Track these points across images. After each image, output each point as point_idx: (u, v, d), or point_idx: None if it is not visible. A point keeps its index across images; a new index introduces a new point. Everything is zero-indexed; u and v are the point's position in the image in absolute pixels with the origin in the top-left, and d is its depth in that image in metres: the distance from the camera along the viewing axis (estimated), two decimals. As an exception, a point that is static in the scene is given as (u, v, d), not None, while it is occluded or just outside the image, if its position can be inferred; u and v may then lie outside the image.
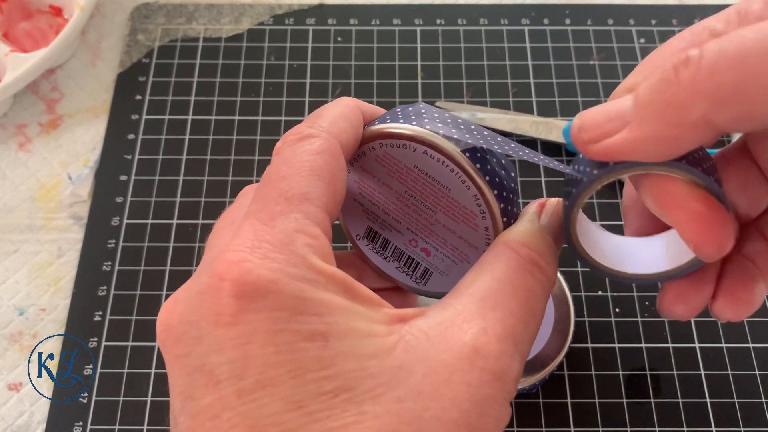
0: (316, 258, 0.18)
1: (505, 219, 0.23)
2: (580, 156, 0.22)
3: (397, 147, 0.23)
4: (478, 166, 0.22)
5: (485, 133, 0.22)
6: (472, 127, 0.23)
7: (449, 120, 0.23)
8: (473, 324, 0.18)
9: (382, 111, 0.24)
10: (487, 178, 0.22)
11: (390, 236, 0.26)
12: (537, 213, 0.23)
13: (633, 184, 0.22)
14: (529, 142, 0.42)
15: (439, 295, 0.24)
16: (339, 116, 0.22)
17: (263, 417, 0.16)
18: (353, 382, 0.17)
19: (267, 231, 0.18)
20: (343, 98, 0.23)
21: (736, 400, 0.34)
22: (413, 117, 0.23)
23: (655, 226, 0.24)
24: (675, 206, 0.20)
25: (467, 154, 0.22)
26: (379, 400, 0.17)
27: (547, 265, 0.21)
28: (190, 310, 0.18)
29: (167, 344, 0.18)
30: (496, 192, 0.22)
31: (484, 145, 0.21)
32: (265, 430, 0.16)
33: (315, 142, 0.20)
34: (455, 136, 0.22)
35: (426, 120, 0.22)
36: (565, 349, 0.32)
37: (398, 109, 0.24)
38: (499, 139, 0.22)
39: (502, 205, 0.22)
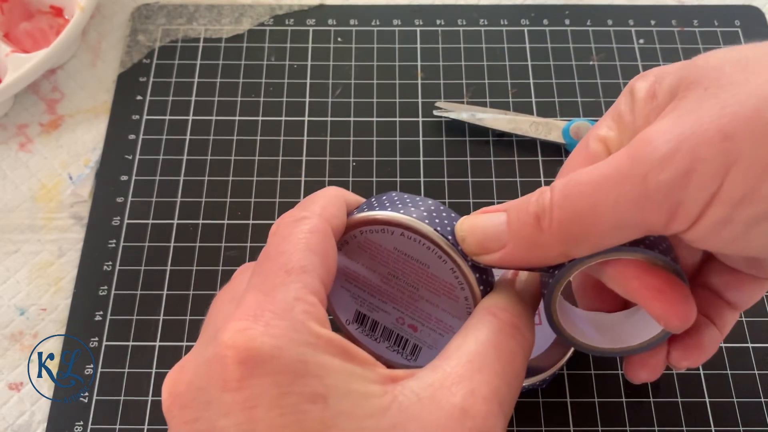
0: (315, 323, 0.19)
1: (482, 287, 0.24)
2: None
3: (377, 232, 0.25)
4: (449, 238, 0.24)
5: (452, 214, 0.25)
6: (442, 208, 0.25)
7: (420, 203, 0.25)
8: (461, 386, 0.20)
9: (362, 200, 0.26)
10: (459, 248, 0.24)
11: (378, 317, 0.27)
12: (512, 281, 0.25)
13: (592, 270, 0.24)
14: (529, 142, 0.42)
15: None
16: (328, 202, 0.24)
17: None
18: None
19: (268, 301, 0.20)
20: (330, 188, 0.25)
21: (735, 399, 0.34)
22: (388, 204, 0.25)
23: (611, 302, 0.27)
24: (639, 287, 0.23)
25: (438, 229, 0.24)
26: None
27: (525, 328, 0.23)
28: (198, 377, 0.19)
29: (174, 410, 0.19)
30: (470, 263, 0.24)
31: (454, 222, 0.24)
32: None
33: (309, 223, 0.22)
34: (426, 219, 0.24)
35: (399, 206, 0.25)
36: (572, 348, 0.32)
37: (373, 199, 0.26)
38: (453, 215, 0.25)
39: (477, 275, 0.24)
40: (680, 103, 0.20)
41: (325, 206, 0.24)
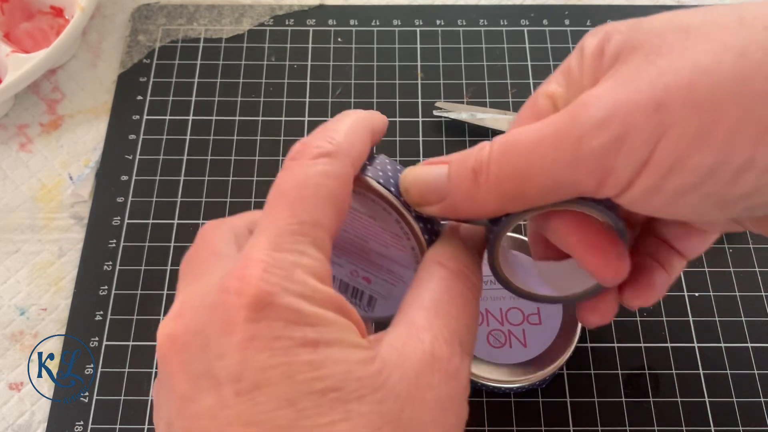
0: (315, 280, 0.20)
1: (427, 237, 0.25)
2: None
3: None
4: (392, 190, 0.24)
5: (398, 166, 0.25)
6: (387, 161, 0.25)
7: (371, 159, 0.25)
8: (427, 333, 0.21)
9: (386, 124, 0.26)
10: (402, 199, 0.24)
11: (334, 271, 0.27)
12: (457, 228, 0.25)
13: (536, 222, 0.25)
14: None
15: (385, 320, 0.26)
16: (356, 136, 0.23)
17: (257, 414, 0.18)
18: (341, 383, 0.19)
19: (276, 251, 0.20)
20: (357, 113, 0.24)
21: (734, 399, 0.34)
22: None
23: (560, 252, 0.27)
24: (576, 242, 0.24)
25: (381, 182, 0.24)
26: (363, 400, 0.19)
27: (473, 273, 0.24)
28: (198, 322, 0.20)
29: (170, 353, 0.20)
30: (414, 213, 0.24)
31: (398, 174, 0.24)
32: (258, 426, 0.18)
33: (333, 165, 0.22)
34: (369, 172, 0.24)
35: None
36: (573, 346, 0.33)
37: None
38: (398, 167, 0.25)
39: (422, 225, 0.25)
40: (621, 67, 0.20)
41: (353, 143, 0.23)
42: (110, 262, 0.39)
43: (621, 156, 0.19)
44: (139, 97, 0.44)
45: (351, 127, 0.23)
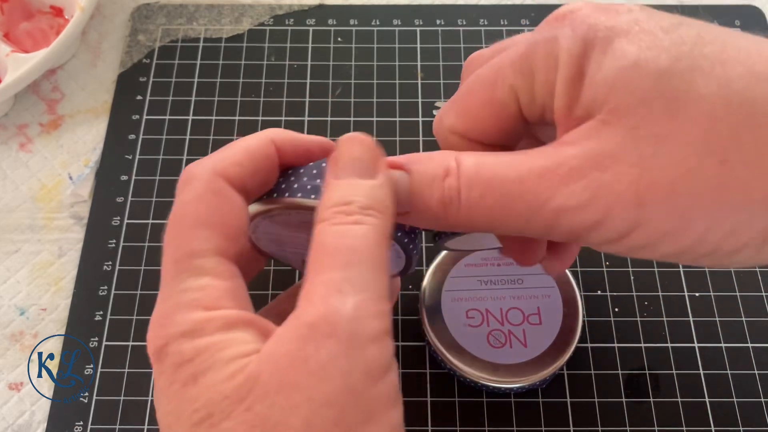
0: (199, 310, 0.20)
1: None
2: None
3: (272, 217, 0.25)
4: (313, 196, 0.23)
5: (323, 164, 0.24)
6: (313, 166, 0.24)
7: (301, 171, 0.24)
8: (304, 303, 0.19)
9: (304, 137, 0.25)
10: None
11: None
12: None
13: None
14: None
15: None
16: (230, 152, 0.23)
17: None
18: (212, 407, 0.19)
19: (161, 303, 0.21)
20: (241, 139, 0.24)
21: (735, 399, 0.34)
22: (283, 186, 0.24)
23: None
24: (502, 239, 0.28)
25: (300, 195, 0.23)
26: (231, 416, 0.18)
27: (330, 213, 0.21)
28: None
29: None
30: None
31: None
32: None
33: (194, 187, 0.22)
34: (289, 192, 0.24)
35: (284, 186, 0.24)
36: (573, 345, 0.33)
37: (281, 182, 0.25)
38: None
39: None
40: (604, 134, 0.20)
41: (222, 157, 0.23)
42: (110, 262, 0.39)
43: (594, 234, 0.21)
44: (139, 97, 0.44)
45: (228, 149, 0.23)
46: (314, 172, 0.24)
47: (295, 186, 0.24)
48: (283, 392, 0.18)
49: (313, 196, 0.23)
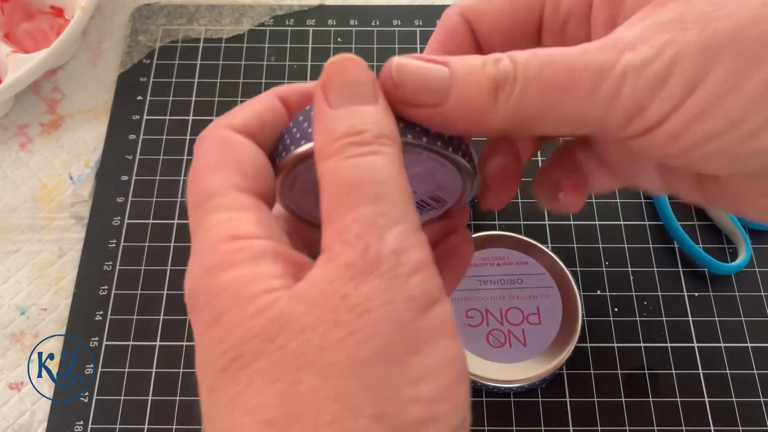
0: (225, 243, 0.19)
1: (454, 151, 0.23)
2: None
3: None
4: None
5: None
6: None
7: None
8: (340, 244, 0.18)
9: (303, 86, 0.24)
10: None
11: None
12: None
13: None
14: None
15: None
16: (235, 110, 0.23)
17: (203, 407, 0.18)
18: (242, 348, 0.17)
19: (192, 255, 0.20)
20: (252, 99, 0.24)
21: (734, 399, 0.34)
22: (298, 134, 0.22)
23: None
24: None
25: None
26: (262, 356, 0.17)
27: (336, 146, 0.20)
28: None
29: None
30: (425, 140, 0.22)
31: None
32: (203, 419, 0.18)
33: (204, 143, 0.22)
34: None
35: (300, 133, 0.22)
36: (573, 345, 0.33)
37: (292, 129, 0.23)
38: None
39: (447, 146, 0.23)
40: (658, 11, 0.20)
41: (227, 115, 0.22)
42: (110, 262, 0.39)
43: (659, 96, 0.19)
44: (139, 97, 0.44)
45: (233, 111, 0.23)
46: (300, 119, 0.23)
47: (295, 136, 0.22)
48: (319, 329, 0.17)
49: (303, 141, 0.22)
